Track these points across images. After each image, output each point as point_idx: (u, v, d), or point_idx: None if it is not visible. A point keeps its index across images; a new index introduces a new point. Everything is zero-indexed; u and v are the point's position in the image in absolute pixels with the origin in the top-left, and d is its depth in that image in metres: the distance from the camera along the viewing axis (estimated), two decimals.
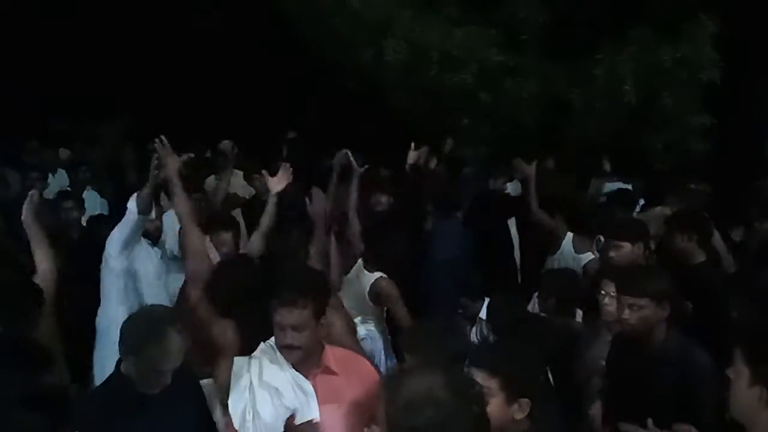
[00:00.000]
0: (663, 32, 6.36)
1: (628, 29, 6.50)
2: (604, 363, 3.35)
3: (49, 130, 8.40)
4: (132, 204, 4.25)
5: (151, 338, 2.48)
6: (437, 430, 1.46)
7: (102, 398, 2.60)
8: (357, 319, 4.36)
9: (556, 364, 3.10)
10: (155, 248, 4.83)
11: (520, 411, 1.98)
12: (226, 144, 6.61)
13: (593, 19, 6.58)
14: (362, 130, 7.63)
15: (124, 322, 2.60)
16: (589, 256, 4.77)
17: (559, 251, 4.95)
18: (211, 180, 6.64)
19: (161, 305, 3.14)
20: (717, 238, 4.53)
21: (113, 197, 6.09)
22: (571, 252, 4.89)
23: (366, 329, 4.43)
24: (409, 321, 4.22)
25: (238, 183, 6.65)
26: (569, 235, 4.96)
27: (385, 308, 4.53)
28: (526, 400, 1.98)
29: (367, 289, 4.42)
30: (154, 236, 4.86)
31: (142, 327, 2.55)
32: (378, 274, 4.43)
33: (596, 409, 3.24)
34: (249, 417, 2.57)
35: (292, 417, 2.58)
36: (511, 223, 6.70)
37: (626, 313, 2.95)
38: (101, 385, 2.69)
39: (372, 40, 6.96)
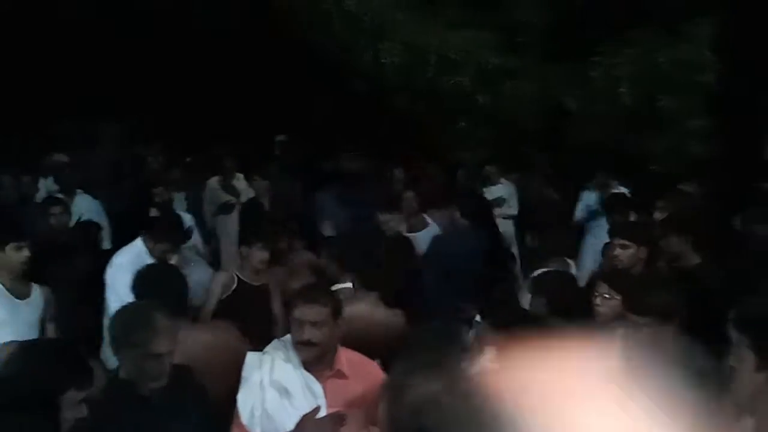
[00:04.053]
0: (661, 35, 6.36)
1: (626, 32, 6.51)
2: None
3: (45, 133, 8.40)
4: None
5: (137, 323, 2.48)
6: None
7: (102, 405, 2.56)
8: None
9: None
10: None
11: None
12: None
13: (591, 21, 6.59)
14: (361, 133, 7.64)
15: (110, 322, 2.60)
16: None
17: None
18: (213, 181, 6.63)
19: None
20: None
21: (109, 201, 6.08)
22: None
23: None
24: None
25: (239, 186, 6.63)
26: None
27: None
28: None
29: None
30: None
31: (127, 316, 2.56)
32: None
33: None
34: (257, 414, 2.57)
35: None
36: (509, 224, 6.70)
37: (631, 330, 2.97)
38: (101, 391, 2.65)
39: (370, 43, 6.99)
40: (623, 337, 3.26)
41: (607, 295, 3.42)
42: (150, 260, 4.01)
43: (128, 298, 3.14)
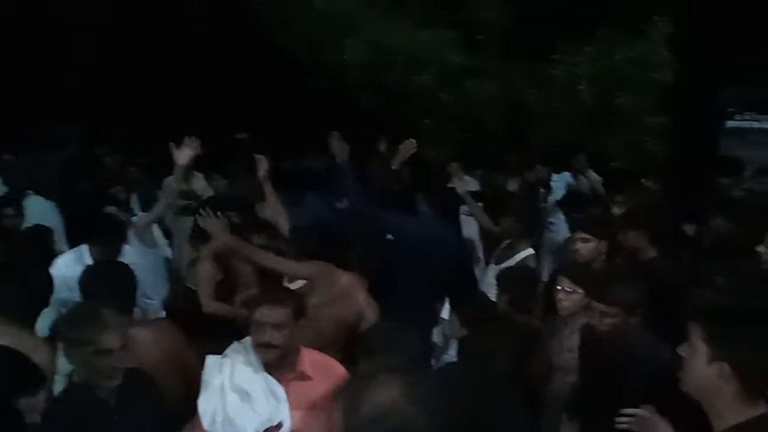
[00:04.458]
0: (618, 34, 6.47)
1: (585, 30, 6.59)
2: (566, 357, 3.39)
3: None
4: None
5: (85, 320, 2.45)
6: None
7: (58, 412, 2.50)
8: None
9: (518, 363, 3.12)
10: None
11: None
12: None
13: (551, 20, 6.66)
14: (324, 131, 7.60)
15: (59, 323, 2.55)
16: None
17: None
18: (170, 180, 6.60)
19: None
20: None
21: (63, 202, 5.93)
22: None
23: None
24: None
25: (198, 185, 6.64)
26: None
27: None
28: None
29: None
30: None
31: (75, 314, 2.53)
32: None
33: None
34: (219, 419, 2.54)
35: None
36: (472, 222, 6.73)
37: (596, 320, 3.00)
38: (55, 400, 2.60)
39: (335, 41, 6.95)
40: (585, 330, 3.31)
41: (569, 289, 3.47)
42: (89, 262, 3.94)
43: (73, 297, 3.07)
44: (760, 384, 1.93)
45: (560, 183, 6.68)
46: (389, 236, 5.42)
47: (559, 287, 3.51)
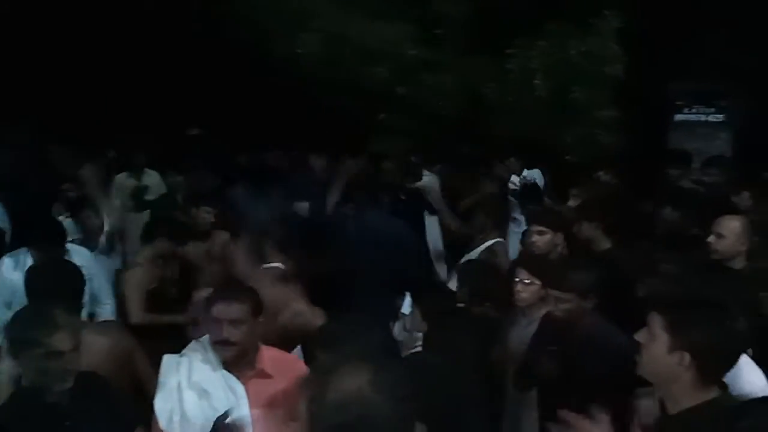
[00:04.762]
0: (570, 28, 6.56)
1: (539, 25, 6.67)
2: (525, 348, 3.44)
3: None
4: None
5: (35, 321, 2.37)
6: (365, 429, 1.43)
7: (6, 418, 2.42)
8: None
9: (479, 355, 3.15)
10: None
11: None
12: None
13: (506, 14, 6.72)
14: (280, 125, 7.53)
15: (6, 326, 2.47)
16: None
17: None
18: (122, 177, 6.52)
19: None
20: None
21: (12, 202, 5.74)
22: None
23: None
24: None
25: (152, 181, 6.58)
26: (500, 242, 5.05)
27: None
28: (423, 425, 1.93)
29: None
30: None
31: (24, 315, 2.45)
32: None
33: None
34: (176, 418, 2.49)
35: (223, 416, 2.50)
36: (434, 219, 6.76)
37: (553, 305, 3.05)
38: (3, 405, 2.51)
39: (289, 33, 6.86)
40: (543, 320, 3.37)
41: (527, 281, 3.53)
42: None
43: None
44: (715, 370, 1.99)
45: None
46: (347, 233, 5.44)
47: (517, 279, 3.57)
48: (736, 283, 3.46)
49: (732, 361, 2.01)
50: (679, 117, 7.66)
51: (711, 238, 3.94)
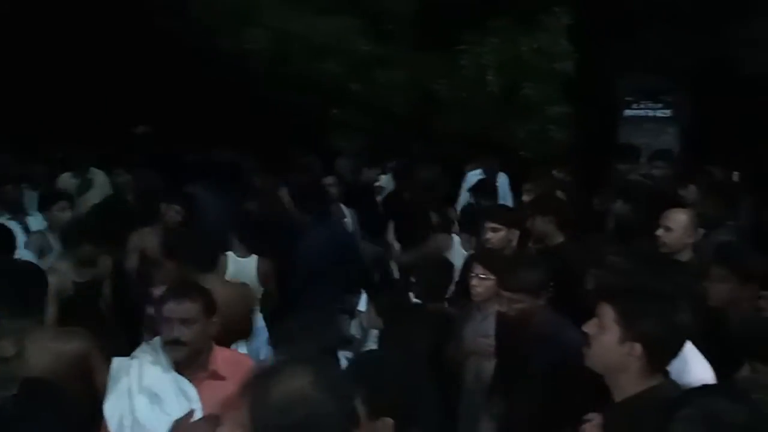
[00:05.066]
0: (522, 24, 6.62)
1: (489, 21, 6.70)
2: (481, 342, 3.46)
3: None
4: None
5: None
6: (309, 430, 1.42)
7: None
8: None
9: (434, 350, 3.16)
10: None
11: (382, 430, 1.93)
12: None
13: (456, 10, 6.74)
14: (229, 122, 7.40)
15: None
16: None
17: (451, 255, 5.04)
18: (66, 177, 6.37)
19: None
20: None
21: None
22: (461, 251, 5.00)
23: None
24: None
25: (99, 181, 6.44)
26: (456, 238, 5.07)
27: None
28: (390, 419, 1.93)
29: (254, 272, 4.44)
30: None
31: None
32: (254, 256, 4.47)
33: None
34: (127, 423, 2.43)
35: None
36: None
37: (505, 306, 3.07)
38: None
39: (236, 29, 6.74)
40: (499, 315, 3.39)
41: (482, 276, 3.55)
42: None
43: None
44: (663, 359, 2.05)
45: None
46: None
47: (473, 274, 3.59)
48: (682, 274, 3.56)
49: (678, 350, 2.07)
50: (628, 113, 7.82)
51: (659, 231, 4.02)
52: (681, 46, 6.49)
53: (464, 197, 6.87)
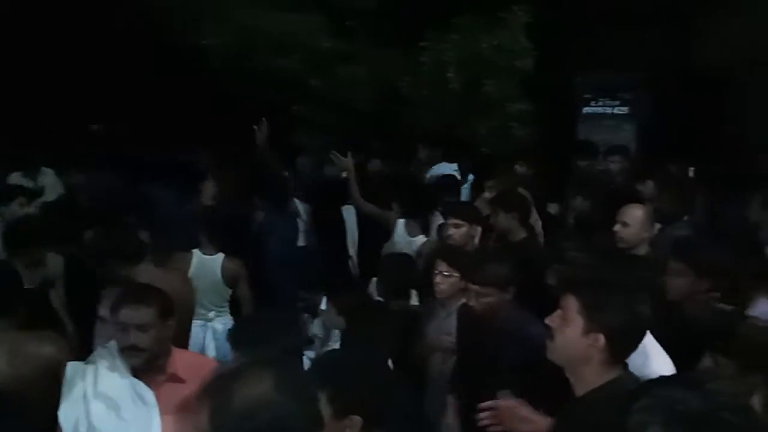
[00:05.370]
0: (481, 22, 6.64)
1: (450, 18, 6.71)
2: (445, 339, 3.47)
3: None
4: None
5: None
6: None
7: None
8: (211, 314, 4.40)
9: (398, 347, 3.15)
10: None
11: (350, 427, 1.92)
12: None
13: (418, 6, 6.74)
14: (190, 120, 7.26)
15: None
16: (421, 239, 4.91)
17: (394, 237, 5.06)
18: (16, 177, 6.21)
19: None
20: (534, 215, 4.88)
21: None
22: (405, 236, 5.01)
23: (222, 323, 4.37)
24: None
25: (48, 181, 6.29)
26: (400, 221, 5.07)
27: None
28: (358, 417, 1.91)
29: (220, 272, 4.35)
30: None
31: None
32: (221, 255, 4.40)
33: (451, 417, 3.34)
34: (82, 429, 2.37)
35: None
36: (350, 211, 6.73)
37: (472, 300, 3.08)
38: None
39: (196, 24, 6.60)
40: (461, 311, 3.40)
41: (446, 273, 3.55)
42: None
43: None
44: (624, 350, 2.08)
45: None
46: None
47: (436, 271, 3.58)
48: (641, 269, 3.62)
49: (638, 342, 2.11)
50: (587, 110, 7.93)
51: (616, 227, 4.09)
52: (638, 44, 6.60)
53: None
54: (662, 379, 1.52)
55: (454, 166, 6.49)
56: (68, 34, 7.98)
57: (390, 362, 2.92)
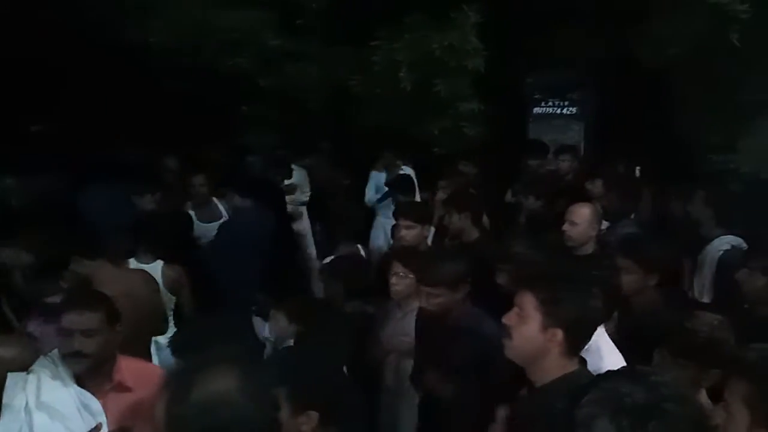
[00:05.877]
0: (433, 21, 6.65)
1: (401, 17, 6.70)
2: (401, 340, 3.47)
3: None
4: None
5: None
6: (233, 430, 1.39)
7: None
8: None
9: (353, 349, 3.13)
10: None
11: (307, 423, 1.91)
12: None
13: (370, 5, 6.70)
14: (132, 119, 7.05)
15: None
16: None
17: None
18: None
19: None
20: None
21: None
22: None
23: (165, 337, 4.19)
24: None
25: None
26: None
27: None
28: (315, 412, 1.91)
29: (161, 280, 4.21)
30: None
31: None
32: (160, 262, 4.25)
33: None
34: None
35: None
36: (303, 211, 6.68)
37: (425, 301, 3.10)
38: None
39: (141, 20, 6.39)
40: (419, 312, 3.40)
41: (401, 274, 3.55)
42: None
43: None
44: (580, 343, 2.14)
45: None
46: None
47: (392, 272, 3.58)
48: (591, 266, 3.69)
49: (591, 334, 2.17)
50: (537, 110, 8.04)
51: (565, 226, 4.16)
52: (585, 44, 6.71)
53: (371, 196, 6.89)
54: (609, 373, 1.56)
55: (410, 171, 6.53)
56: (9, 31, 7.66)
57: (344, 367, 2.89)
